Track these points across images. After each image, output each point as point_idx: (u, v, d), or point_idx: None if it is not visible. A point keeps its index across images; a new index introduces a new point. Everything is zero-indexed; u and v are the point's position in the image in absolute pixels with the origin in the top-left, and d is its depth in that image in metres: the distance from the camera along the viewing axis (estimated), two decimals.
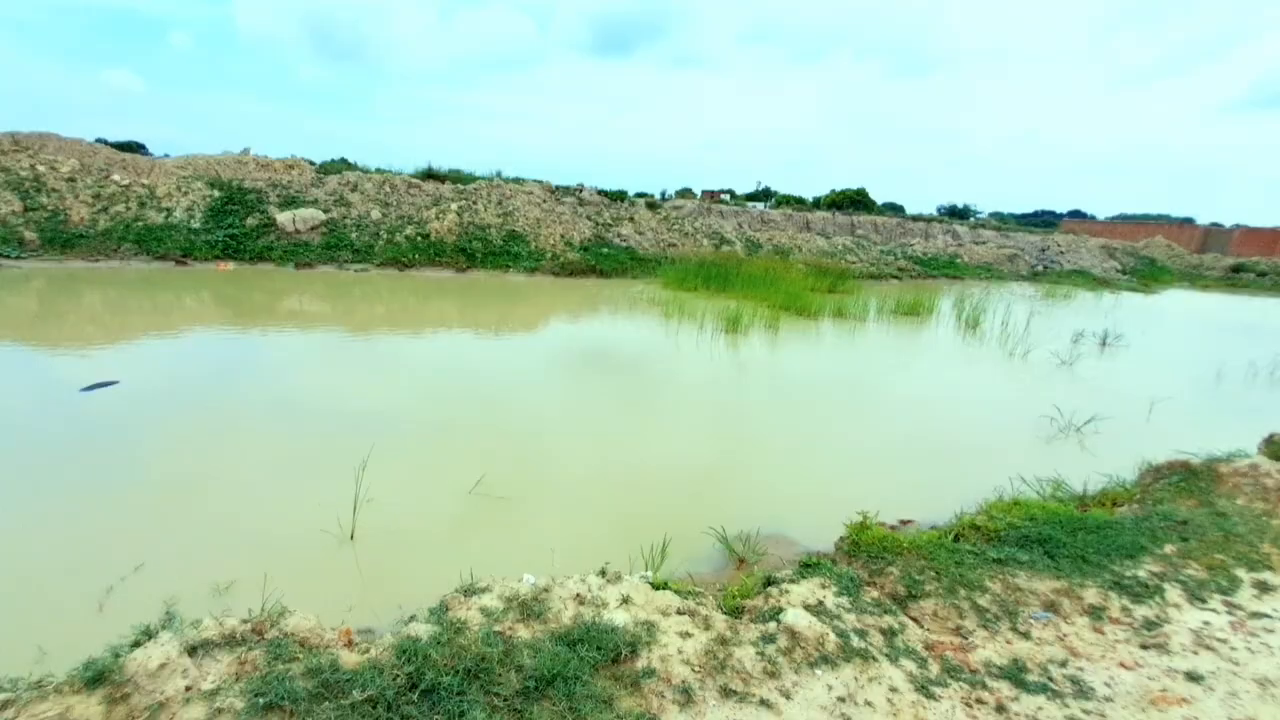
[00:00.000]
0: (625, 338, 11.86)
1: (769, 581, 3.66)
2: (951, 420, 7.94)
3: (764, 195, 65.84)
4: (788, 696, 2.73)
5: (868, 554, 4.03)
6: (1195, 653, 3.32)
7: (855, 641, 3.10)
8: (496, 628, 2.74)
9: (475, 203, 20.89)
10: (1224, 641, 3.43)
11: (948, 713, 2.78)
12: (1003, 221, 46.62)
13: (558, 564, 3.84)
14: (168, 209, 17.28)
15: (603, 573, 3.39)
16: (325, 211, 18.83)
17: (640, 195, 29.15)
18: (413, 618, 2.91)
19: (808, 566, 3.83)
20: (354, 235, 18.45)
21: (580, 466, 5.89)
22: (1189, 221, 50.21)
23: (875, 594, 3.64)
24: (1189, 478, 5.39)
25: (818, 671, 2.88)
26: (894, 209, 47.39)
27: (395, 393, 7.57)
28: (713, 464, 6.24)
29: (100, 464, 5.26)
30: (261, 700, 2.24)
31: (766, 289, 16.24)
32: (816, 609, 3.29)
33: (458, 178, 22.34)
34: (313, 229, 18.29)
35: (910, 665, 3.04)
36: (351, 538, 4.35)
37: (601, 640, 2.74)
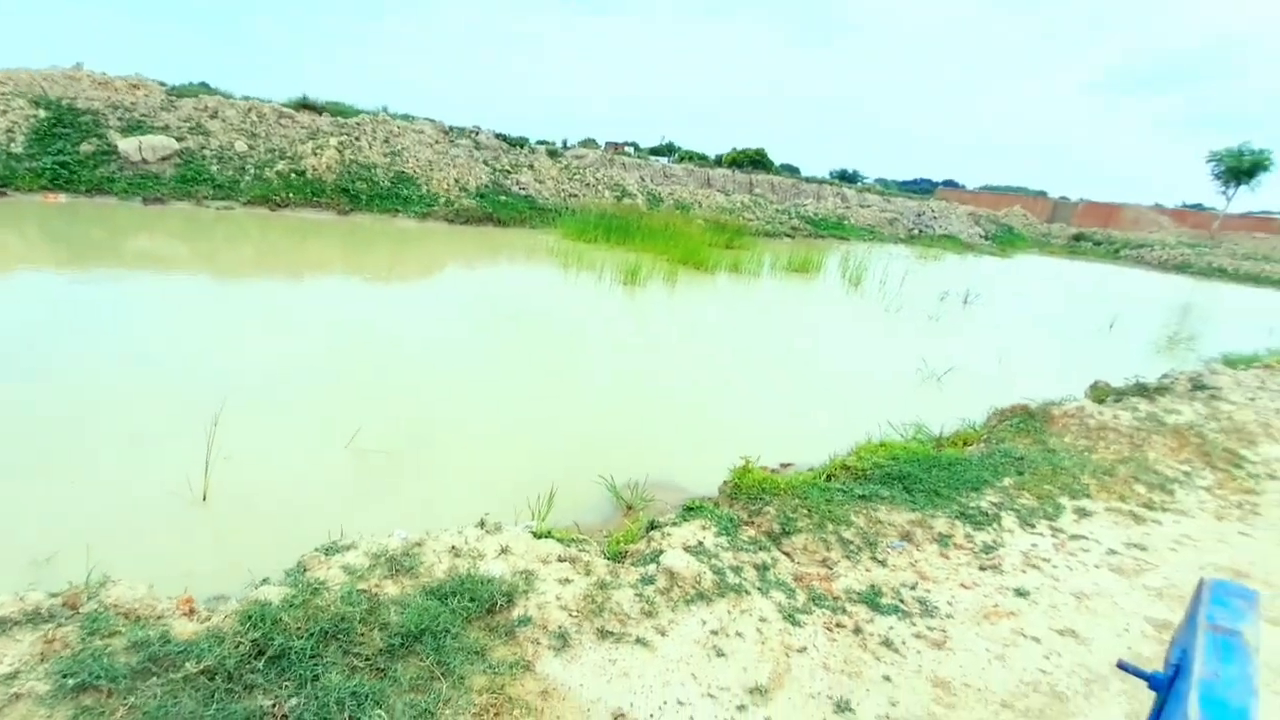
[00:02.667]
0: (521, 288, 11.50)
1: (652, 526, 3.71)
2: (833, 370, 8.40)
3: (667, 150, 65.58)
4: (663, 634, 2.78)
5: (748, 496, 4.19)
6: (1024, 571, 3.74)
7: (730, 578, 3.21)
8: (360, 586, 2.57)
9: (358, 139, 19.19)
10: (1047, 561, 3.89)
11: (810, 637, 2.96)
12: (886, 187, 49.40)
13: (438, 518, 3.67)
14: None
15: (482, 524, 3.28)
16: (179, 140, 16.59)
17: (541, 143, 28.06)
18: (265, 580, 2.67)
19: (690, 510, 3.91)
20: (215, 169, 16.44)
21: (469, 419, 5.68)
22: (1042, 194, 55.61)
23: (752, 532, 3.79)
24: (1027, 419, 6.03)
25: (693, 608, 2.96)
26: (790, 170, 48.84)
27: (267, 343, 6.89)
28: (605, 414, 6.23)
29: None
30: (71, 681, 1.97)
31: (666, 243, 16.27)
32: (696, 549, 3.38)
33: (338, 110, 20.35)
34: (164, 159, 16.09)
35: (780, 596, 3.20)
36: (204, 499, 3.94)
37: (476, 591, 2.65)
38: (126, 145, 15.60)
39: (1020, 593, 3.51)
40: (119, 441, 4.54)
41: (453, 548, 2.97)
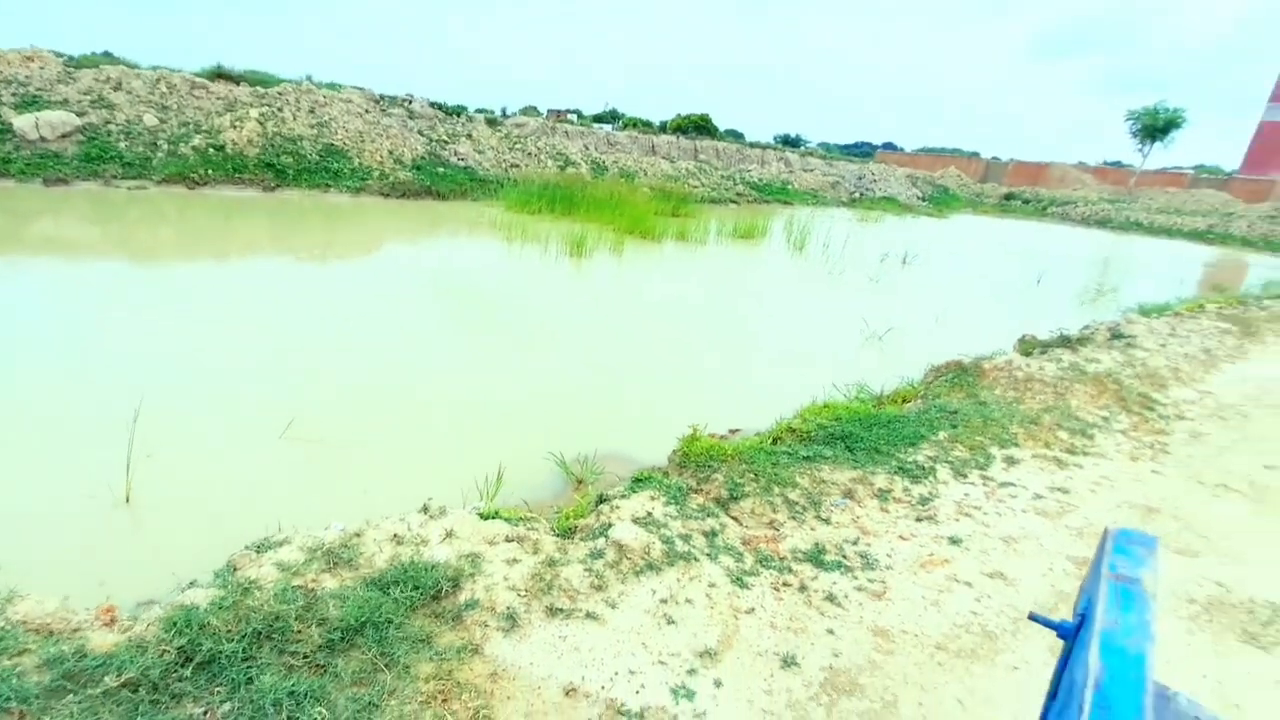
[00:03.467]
0: (464, 263, 11.18)
1: (601, 500, 3.71)
2: (779, 334, 8.53)
3: (611, 117, 64.48)
4: (614, 606, 2.80)
5: (696, 464, 4.23)
6: (957, 520, 3.93)
7: (679, 546, 3.25)
8: (295, 582, 2.48)
9: (281, 110, 18.08)
10: (979, 508, 4.09)
11: (758, 598, 3.04)
12: (828, 151, 50.01)
13: (380, 506, 3.57)
14: None
15: (425, 509, 3.21)
16: (80, 115, 15.25)
17: (480, 111, 27.07)
18: (192, 583, 2.55)
19: (639, 481, 3.93)
20: (123, 145, 15.22)
21: (413, 402, 5.52)
22: (976, 155, 57.38)
23: (701, 500, 3.84)
24: (960, 374, 6.28)
25: (643, 579, 2.99)
26: (735, 136, 48.78)
27: (192, 332, 6.49)
28: (554, 389, 6.16)
29: None
30: None
31: (612, 212, 16.07)
32: (645, 520, 3.40)
33: (257, 79, 19.07)
34: (64, 136, 14.79)
35: (728, 561, 3.26)
36: (126, 501, 3.72)
37: (420, 579, 2.60)
38: (22, 123, 14.26)
39: (954, 541, 3.68)
40: (28, 444, 4.23)
41: (395, 536, 2.90)
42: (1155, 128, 44.98)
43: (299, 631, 2.25)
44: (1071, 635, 1.06)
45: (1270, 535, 4.14)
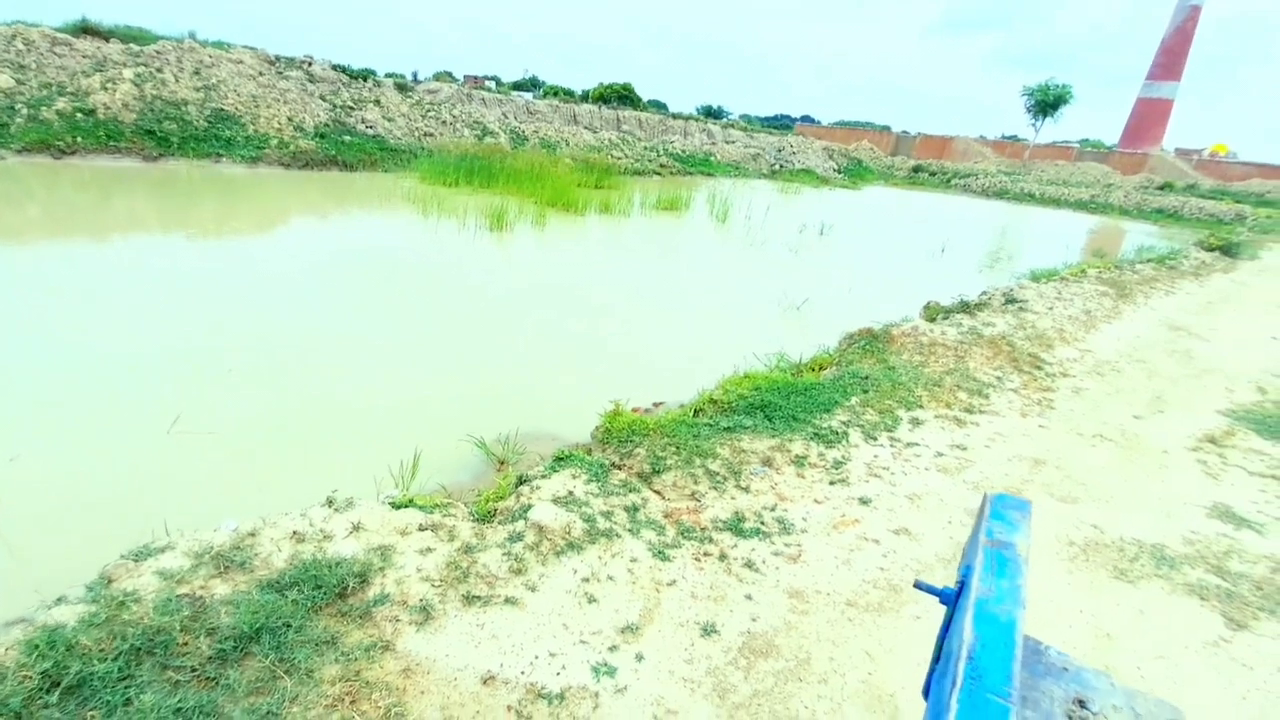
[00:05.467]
0: (376, 239, 10.60)
1: (521, 481, 3.64)
2: (702, 306, 8.61)
3: (531, 85, 62.45)
4: (534, 589, 2.76)
5: (619, 439, 4.22)
6: (867, 481, 4.11)
7: (601, 524, 3.24)
8: (181, 590, 2.29)
9: (160, 70, 16.39)
10: (887, 469, 4.30)
11: (680, 570, 3.08)
12: (749, 123, 50.54)
13: (281, 501, 3.36)
14: None
15: (330, 502, 3.04)
16: None
17: (389, 76, 25.52)
18: (60, 600, 2.30)
19: (561, 460, 3.88)
20: None
21: (320, 389, 5.20)
22: (887, 129, 59.54)
23: (623, 475, 3.84)
24: (872, 341, 6.56)
25: (564, 559, 2.96)
26: (658, 106, 48.41)
27: (64, 320, 5.84)
28: (474, 368, 5.97)
29: None
30: None
31: (533, 184, 15.65)
32: (565, 500, 3.36)
33: (130, 36, 17.15)
34: None
35: (650, 535, 3.28)
36: None
37: (323, 577, 2.46)
38: None
39: (864, 501, 3.86)
40: None
41: (295, 533, 2.73)
42: (1046, 103, 48.15)
43: (185, 644, 2.08)
44: (952, 601, 1.10)
45: (1138, 479, 4.59)
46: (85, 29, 16.53)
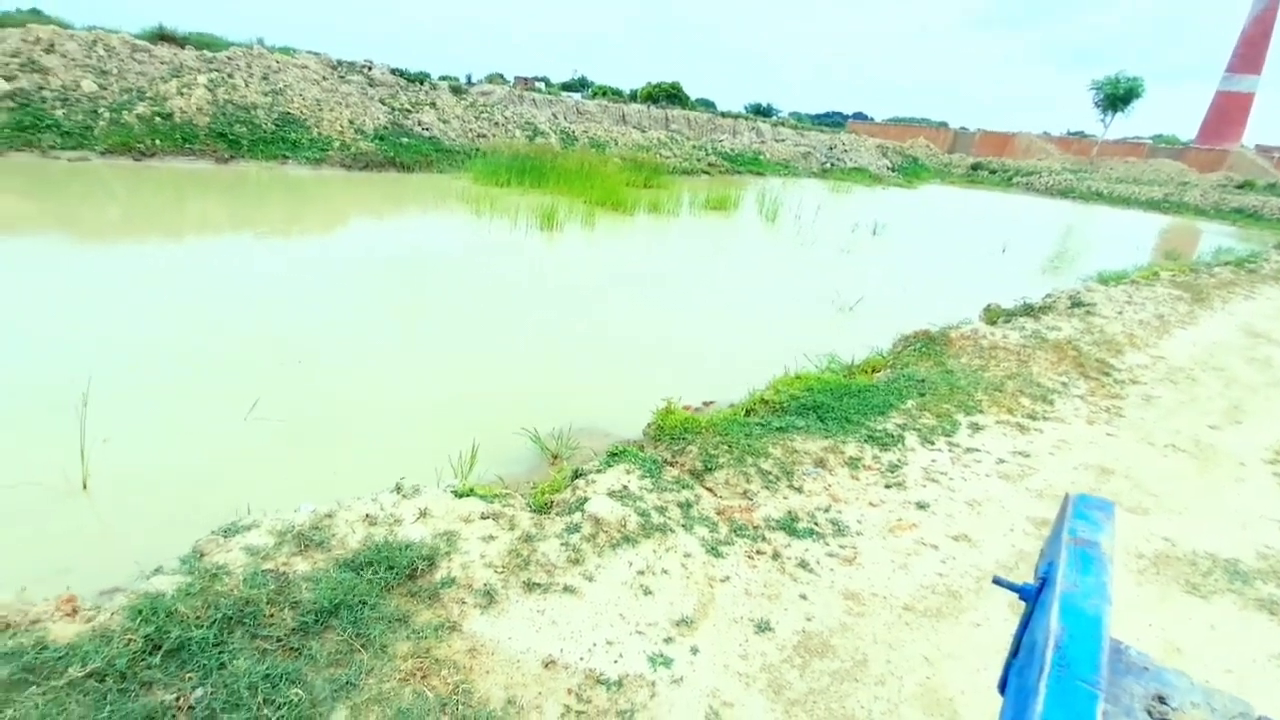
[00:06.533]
0: (432, 238, 10.93)
1: (577, 474, 3.71)
2: (752, 306, 8.57)
3: (580, 85, 63.08)
4: (591, 579, 2.83)
5: (671, 436, 4.26)
6: (924, 486, 4.03)
7: (655, 518, 3.28)
8: (266, 566, 2.44)
9: (232, 75, 17.25)
10: (945, 474, 4.21)
11: (733, 567, 3.10)
12: (799, 121, 49.79)
13: (352, 487, 3.52)
14: None
15: (398, 489, 3.18)
16: (9, 79, 14.33)
17: (444, 79, 26.23)
18: (157, 570, 2.49)
19: (614, 455, 3.94)
20: (60, 113, 14.38)
21: (384, 380, 5.42)
22: (944, 125, 57.79)
23: (676, 472, 3.88)
24: (929, 343, 6.41)
25: (620, 551, 3.02)
26: (706, 105, 48.20)
27: (151, 313, 6.25)
28: (528, 364, 6.11)
29: None
30: None
31: (582, 184, 15.82)
32: (620, 494, 3.42)
33: (204, 43, 18.15)
34: None
35: (703, 531, 3.31)
36: (84, 487, 3.60)
37: (394, 558, 2.58)
38: None
39: (921, 505, 3.79)
40: None
41: (367, 516, 2.87)
42: (1116, 97, 45.83)
43: (271, 615, 2.22)
44: (1033, 597, 1.10)
45: (1212, 492, 4.36)
46: (162, 36, 17.55)
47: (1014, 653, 1.13)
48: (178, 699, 1.93)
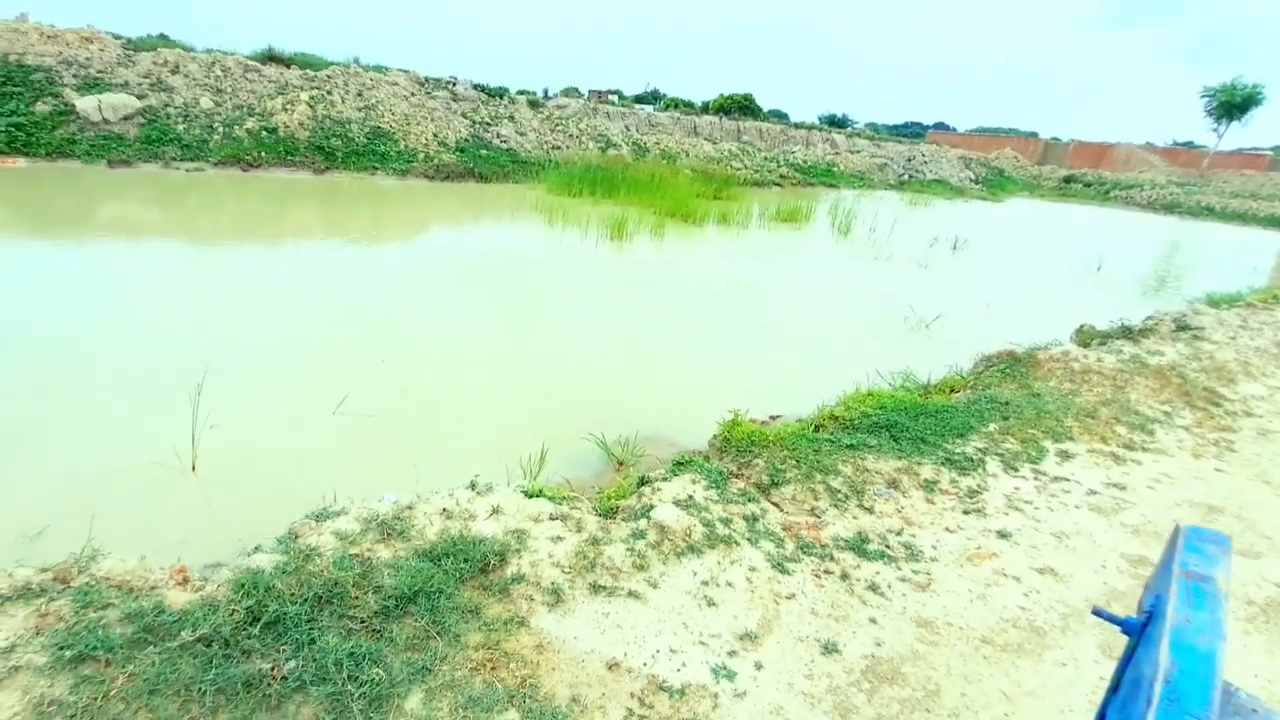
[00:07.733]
0: (507, 246, 11.31)
1: (643, 481, 3.75)
2: (822, 320, 8.39)
3: (652, 97, 63.82)
4: (655, 586, 2.85)
5: (737, 449, 4.23)
6: (1006, 514, 3.83)
7: (720, 529, 3.27)
8: (352, 550, 2.59)
9: (330, 93, 18.49)
10: (1029, 503, 3.98)
11: (799, 584, 3.04)
12: (876, 132, 48.49)
13: (429, 481, 3.69)
14: None
15: (473, 485, 3.30)
16: (140, 98, 15.89)
17: (522, 93, 27.18)
18: (257, 548, 2.69)
19: (680, 464, 3.95)
20: (181, 128, 15.82)
21: (459, 381, 5.65)
22: (1034, 135, 54.81)
23: (742, 484, 3.85)
24: (1013, 364, 6.08)
25: (684, 560, 3.02)
26: (779, 116, 47.69)
27: (251, 310, 6.78)
28: (596, 371, 6.22)
29: None
30: (68, 653, 1.99)
31: (653, 195, 15.98)
32: (686, 503, 3.42)
33: (306, 62, 19.54)
34: (126, 119, 15.44)
35: (769, 546, 3.27)
36: (193, 469, 3.93)
37: (469, 552, 2.68)
38: (85, 104, 14.93)
39: (1002, 534, 3.60)
40: (103, 414, 4.50)
41: (444, 510, 3.00)
42: (1232, 105, 42.22)
43: (356, 598, 2.36)
44: (1137, 631, 1.04)
45: None
46: (270, 57, 19.00)
47: (1113, 688, 1.07)
48: (273, 668, 2.07)
